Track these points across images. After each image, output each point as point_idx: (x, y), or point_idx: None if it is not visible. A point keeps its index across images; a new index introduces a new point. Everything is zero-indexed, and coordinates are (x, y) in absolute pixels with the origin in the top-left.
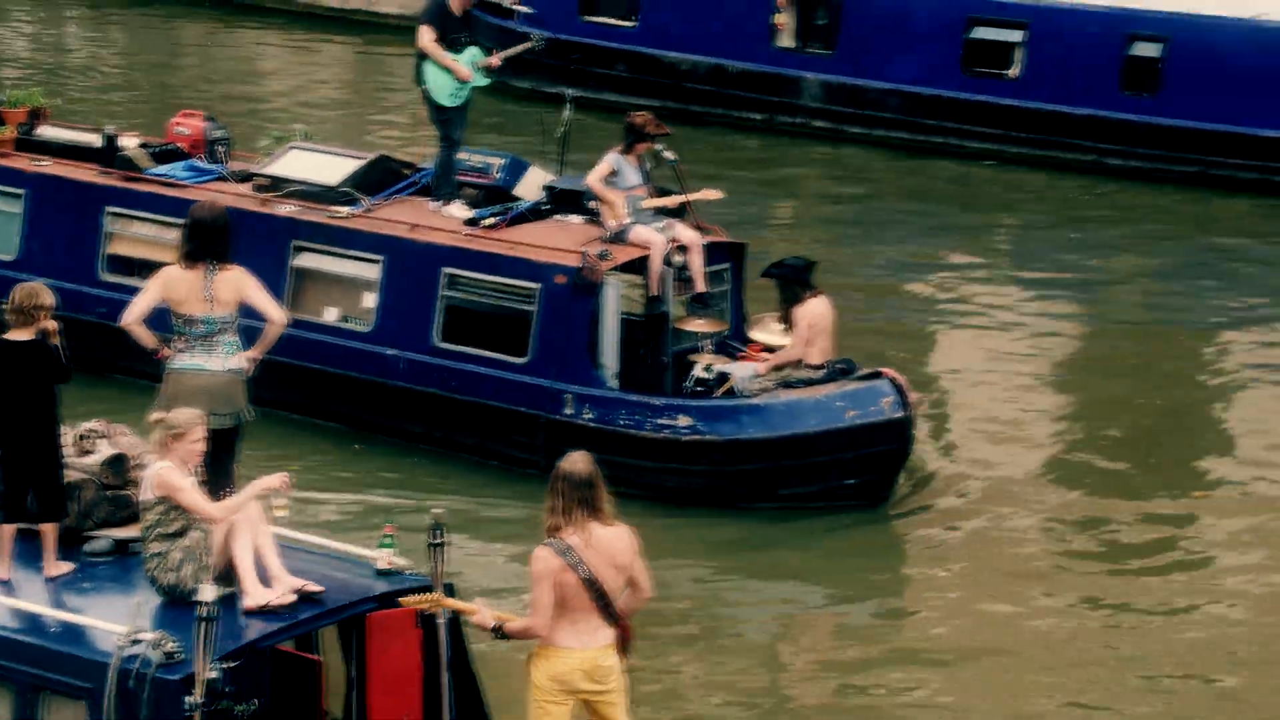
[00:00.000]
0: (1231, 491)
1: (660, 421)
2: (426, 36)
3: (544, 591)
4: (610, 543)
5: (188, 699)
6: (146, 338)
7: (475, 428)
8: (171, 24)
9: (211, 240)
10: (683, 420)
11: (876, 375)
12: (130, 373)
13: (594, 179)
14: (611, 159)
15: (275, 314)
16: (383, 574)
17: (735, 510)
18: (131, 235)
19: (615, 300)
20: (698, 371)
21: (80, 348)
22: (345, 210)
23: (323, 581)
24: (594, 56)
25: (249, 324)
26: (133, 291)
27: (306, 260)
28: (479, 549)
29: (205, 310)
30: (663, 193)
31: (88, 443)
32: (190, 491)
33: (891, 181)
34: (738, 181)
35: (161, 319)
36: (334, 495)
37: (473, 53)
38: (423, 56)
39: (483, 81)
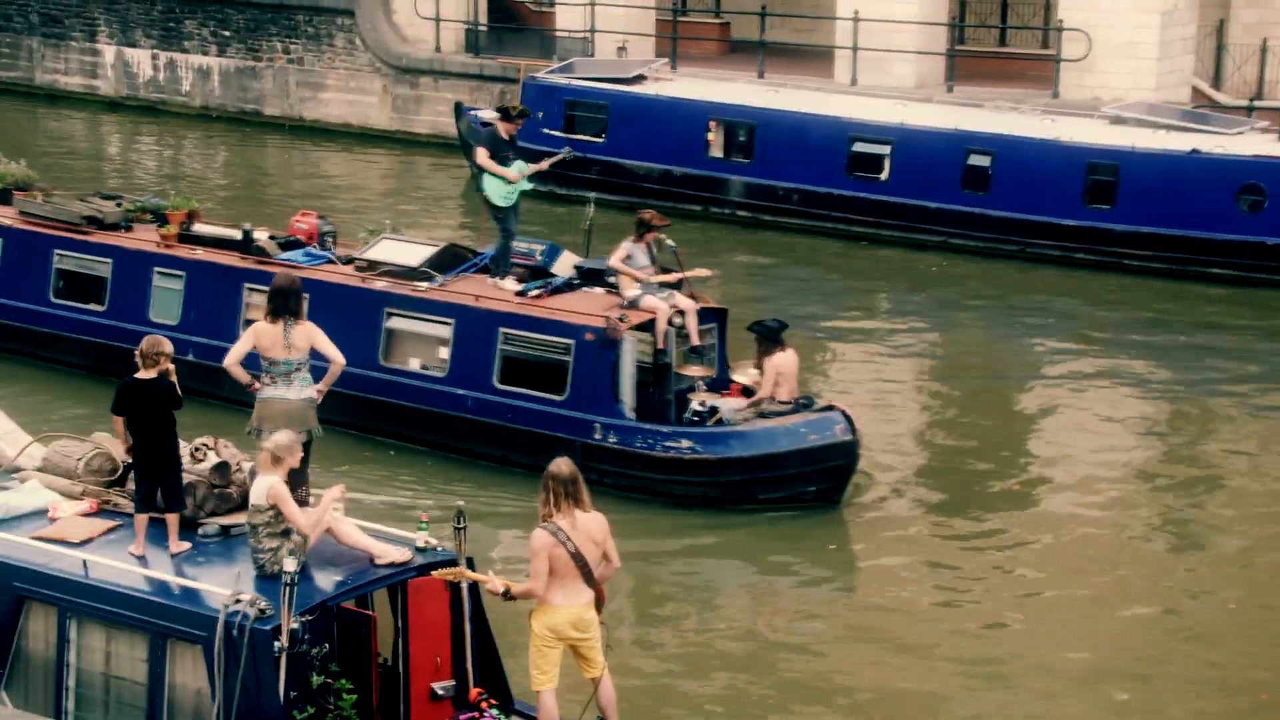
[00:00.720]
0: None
1: (668, 444)
2: (483, 155)
3: (541, 562)
4: (590, 525)
5: (276, 644)
6: (242, 376)
7: (527, 449)
8: (259, 142)
9: (288, 301)
10: (685, 443)
11: (830, 408)
12: (232, 402)
13: (614, 260)
14: (626, 245)
15: (336, 357)
16: (420, 550)
17: (724, 510)
18: (263, 305)
19: (632, 352)
20: (694, 406)
21: (219, 386)
22: (425, 285)
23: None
24: (575, 164)
25: (317, 365)
26: None
27: (395, 323)
28: (492, 532)
29: (285, 354)
30: (665, 271)
31: (200, 453)
32: (292, 504)
33: (795, 256)
34: (686, 257)
35: (253, 361)
36: (382, 493)
37: (519, 165)
38: (481, 170)
39: (526, 186)
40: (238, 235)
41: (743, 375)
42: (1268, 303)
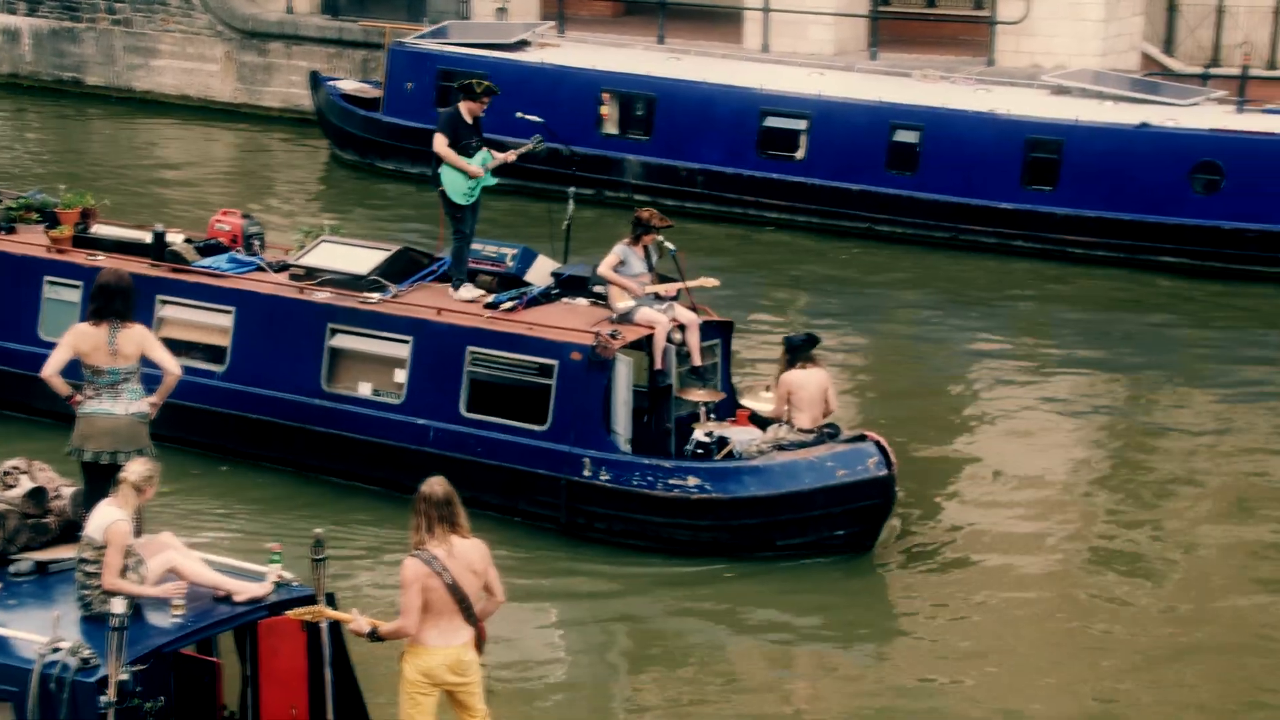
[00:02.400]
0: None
1: (671, 482)
2: (441, 142)
3: (413, 596)
4: (468, 553)
5: (101, 699)
6: (62, 387)
7: (500, 489)
8: (79, 116)
9: (115, 301)
10: (691, 480)
11: (862, 438)
12: (50, 417)
13: (605, 268)
14: (619, 250)
15: (171, 366)
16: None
17: (738, 559)
18: (180, 320)
19: (626, 375)
20: (699, 436)
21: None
22: (376, 296)
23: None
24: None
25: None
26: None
27: (341, 341)
28: (359, 562)
29: (110, 362)
30: (663, 279)
31: (10, 478)
32: (118, 557)
33: (700, 245)
34: (582, 241)
35: (76, 370)
36: (233, 521)
37: (483, 155)
38: (439, 160)
39: (491, 181)
40: (147, 238)
41: (754, 400)
42: (1225, 293)
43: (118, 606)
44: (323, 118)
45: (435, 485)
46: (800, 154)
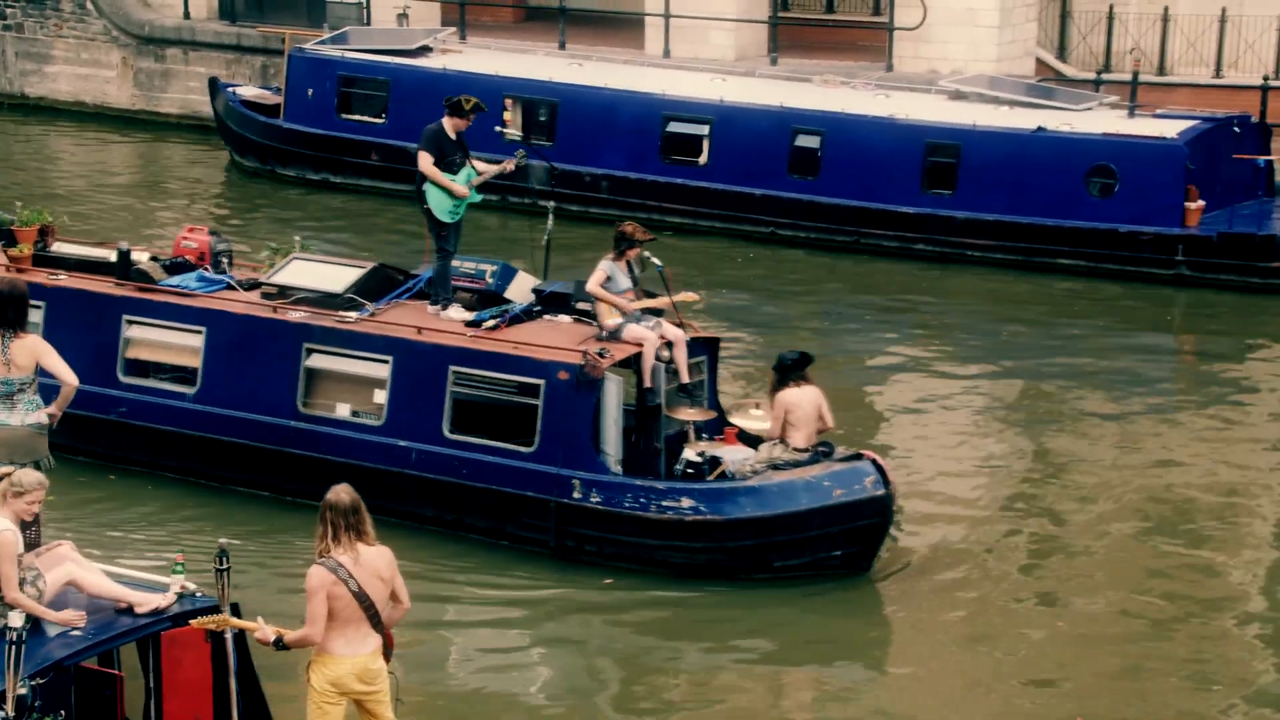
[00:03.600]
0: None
1: (665, 503)
2: (426, 160)
3: (319, 604)
4: (374, 560)
5: None
6: None
7: (487, 511)
8: None
9: (7, 310)
10: (686, 502)
11: (858, 457)
12: None
13: (592, 285)
14: (605, 266)
15: (68, 377)
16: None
17: (734, 582)
18: (148, 341)
19: (616, 394)
20: (689, 455)
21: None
22: (353, 315)
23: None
24: (351, 149)
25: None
26: (150, 392)
27: (318, 361)
28: (264, 572)
29: (3, 373)
30: (648, 294)
31: None
32: (8, 569)
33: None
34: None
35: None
36: (135, 531)
37: (467, 173)
38: (423, 178)
39: (476, 198)
40: (111, 256)
41: (744, 418)
42: (1121, 295)
43: (15, 620)
44: (222, 124)
45: (341, 493)
46: (703, 159)
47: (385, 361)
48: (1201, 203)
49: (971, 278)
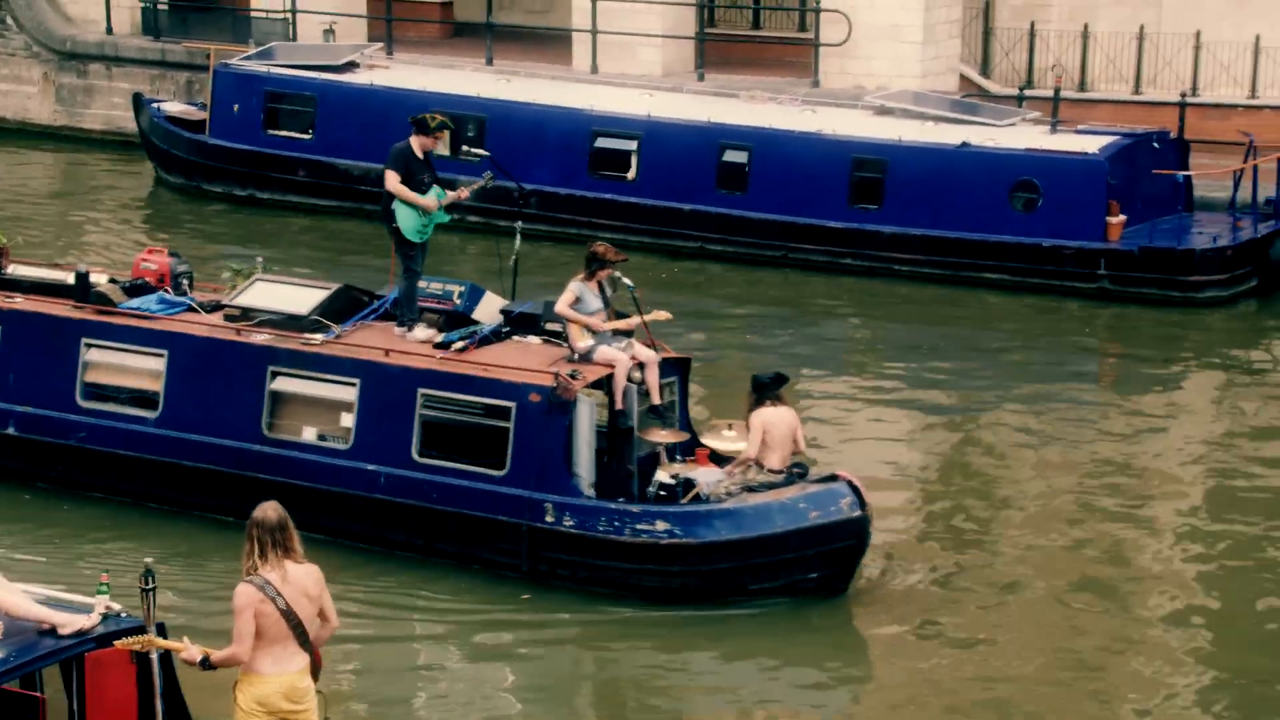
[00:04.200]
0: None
1: (639, 527)
2: (393, 179)
3: (245, 622)
4: (302, 578)
5: None
6: None
7: (457, 536)
8: None
9: None
10: (660, 525)
11: (833, 478)
12: None
13: (562, 306)
14: (575, 287)
15: None
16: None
17: (709, 605)
18: (108, 365)
19: (588, 416)
20: (662, 478)
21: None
22: (318, 337)
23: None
24: (279, 165)
25: None
26: (110, 417)
27: (283, 385)
28: (191, 592)
29: None
30: (620, 315)
31: None
32: None
33: (533, 262)
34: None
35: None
36: (55, 551)
37: (436, 192)
38: (390, 197)
39: (444, 218)
40: (69, 279)
41: (716, 440)
42: (1045, 308)
43: None
44: (147, 140)
45: (268, 510)
46: (631, 174)
47: (353, 384)
48: (1123, 217)
49: (898, 292)
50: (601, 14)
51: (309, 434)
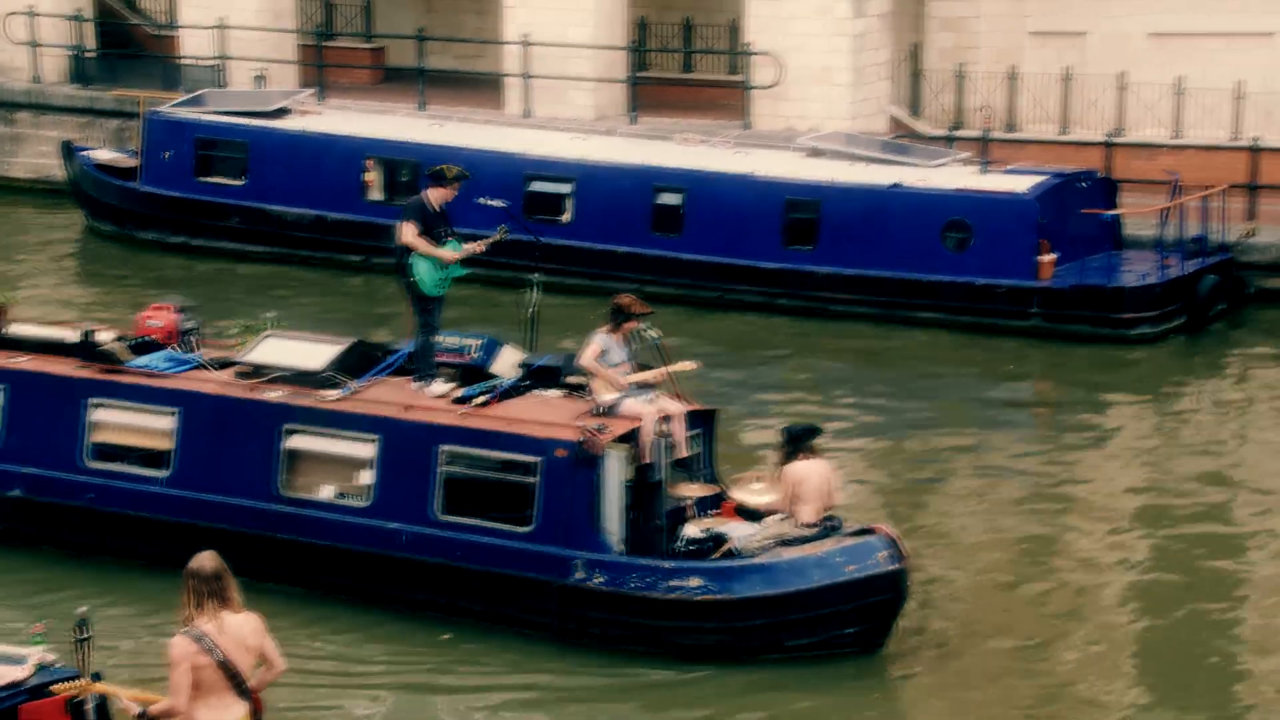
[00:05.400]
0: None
1: (672, 583)
2: (411, 231)
3: (181, 675)
4: (240, 628)
5: None
6: None
7: (483, 595)
8: None
9: None
10: (694, 581)
11: (869, 531)
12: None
13: (588, 359)
14: (600, 339)
15: None
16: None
17: (743, 663)
18: (116, 424)
19: (617, 470)
20: (691, 532)
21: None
22: (334, 394)
23: None
24: (209, 211)
25: None
26: (119, 477)
27: (298, 443)
28: (128, 642)
29: None
30: (643, 367)
31: None
32: None
33: (469, 310)
34: (348, 314)
35: None
36: None
37: (453, 245)
38: (406, 251)
39: (461, 271)
40: (74, 337)
41: (745, 493)
42: (978, 346)
43: None
44: (77, 188)
45: (204, 560)
46: (567, 217)
47: (371, 441)
48: (1054, 256)
49: (833, 331)
50: (533, 58)
51: (326, 492)
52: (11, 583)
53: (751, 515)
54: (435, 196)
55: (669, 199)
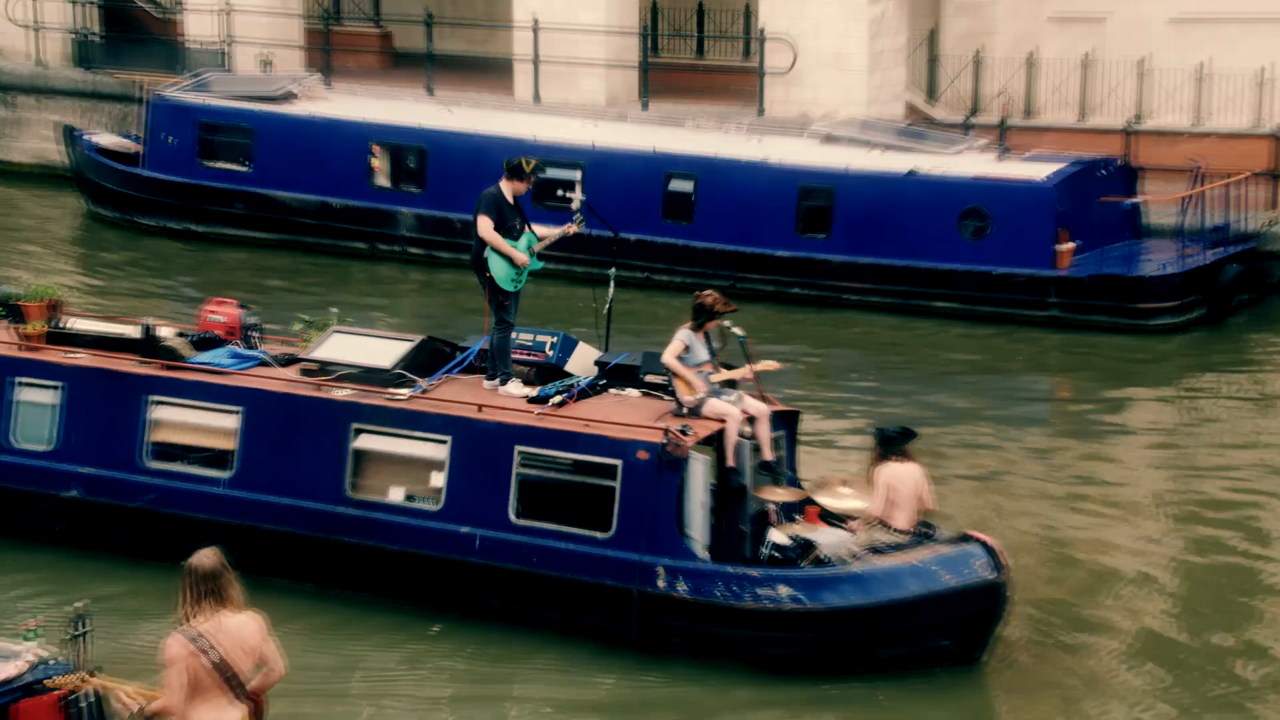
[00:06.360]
0: None
1: (760, 592)
2: (486, 226)
3: (176, 674)
4: (239, 629)
5: None
6: None
7: (560, 602)
8: None
9: None
10: (783, 590)
11: (966, 538)
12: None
13: (669, 357)
14: (683, 335)
15: None
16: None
17: (835, 676)
18: (177, 422)
19: (701, 474)
20: (776, 538)
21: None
22: (404, 392)
23: None
24: (213, 196)
25: None
26: (180, 477)
27: (367, 443)
28: (128, 639)
29: None
30: (726, 366)
31: None
32: None
33: (475, 298)
34: (350, 304)
35: None
36: None
37: (528, 238)
38: (482, 244)
39: (536, 266)
40: (134, 332)
41: (832, 497)
42: (995, 336)
43: None
44: (78, 173)
45: (204, 557)
46: (576, 204)
47: (443, 442)
48: (1072, 245)
49: (848, 321)
50: (543, 42)
51: (396, 494)
52: (8, 580)
53: (836, 520)
54: (510, 189)
55: (681, 186)
